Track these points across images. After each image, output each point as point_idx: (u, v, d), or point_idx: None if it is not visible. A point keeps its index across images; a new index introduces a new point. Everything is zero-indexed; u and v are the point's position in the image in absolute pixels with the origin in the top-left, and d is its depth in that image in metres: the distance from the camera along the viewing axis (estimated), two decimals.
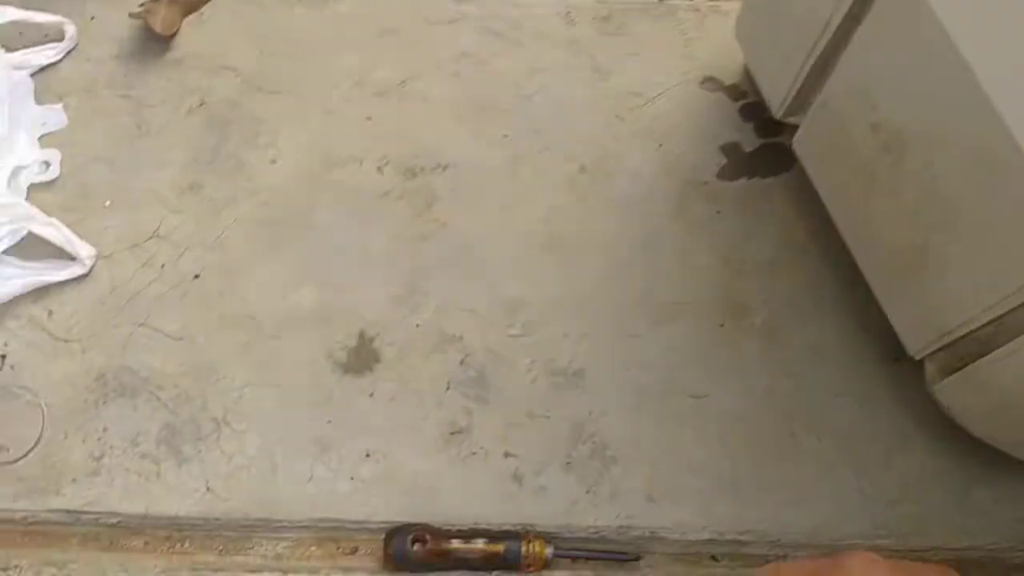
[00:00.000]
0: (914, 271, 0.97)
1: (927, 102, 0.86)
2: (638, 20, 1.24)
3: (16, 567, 0.95)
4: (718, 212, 1.15)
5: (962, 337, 0.94)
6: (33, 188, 1.11)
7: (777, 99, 1.11)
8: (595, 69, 1.21)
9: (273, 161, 1.15)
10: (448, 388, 1.05)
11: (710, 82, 1.22)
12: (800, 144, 1.10)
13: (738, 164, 1.18)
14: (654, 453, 1.03)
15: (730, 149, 1.18)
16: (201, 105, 1.17)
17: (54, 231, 1.06)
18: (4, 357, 1.04)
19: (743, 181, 1.17)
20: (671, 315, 1.10)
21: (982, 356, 0.92)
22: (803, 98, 1.07)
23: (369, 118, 1.18)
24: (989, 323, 0.90)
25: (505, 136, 1.17)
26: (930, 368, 1.01)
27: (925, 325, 0.98)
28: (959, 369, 0.96)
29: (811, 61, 1.02)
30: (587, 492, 1.01)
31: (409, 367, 1.06)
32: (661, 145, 1.18)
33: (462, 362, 1.06)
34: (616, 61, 1.22)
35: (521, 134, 1.18)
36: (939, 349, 0.99)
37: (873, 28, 0.91)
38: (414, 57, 1.21)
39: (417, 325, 1.08)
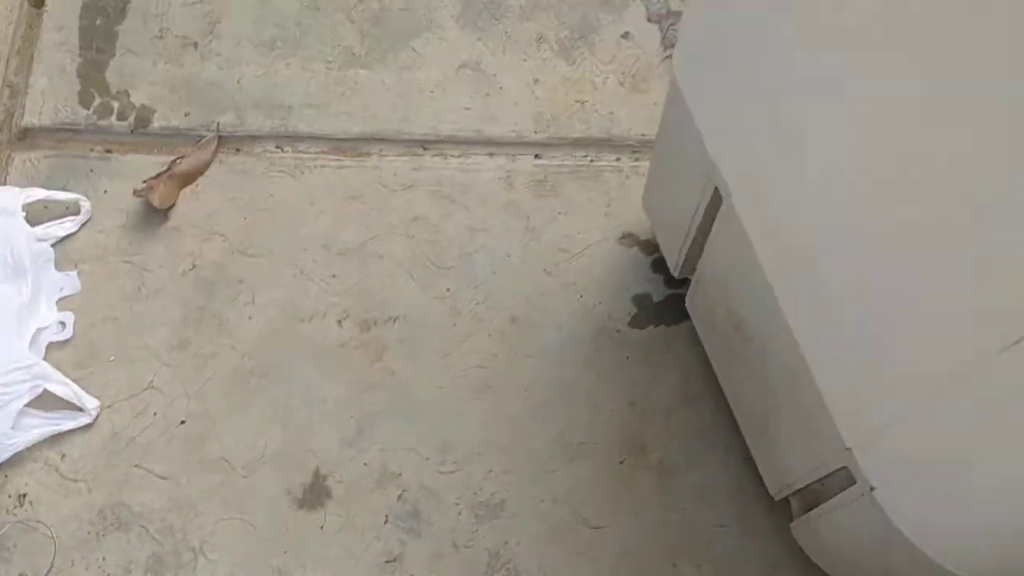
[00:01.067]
0: (762, 432, 1.14)
1: (756, 305, 1.04)
2: (568, 181, 1.43)
3: None
4: (627, 358, 1.33)
5: (800, 489, 1.12)
6: (50, 346, 1.34)
7: (671, 262, 1.29)
8: (529, 228, 1.40)
9: (250, 318, 1.36)
10: (386, 521, 1.25)
11: (628, 238, 1.39)
12: (689, 303, 1.28)
13: (647, 313, 1.36)
14: None
15: (641, 299, 1.36)
16: (193, 268, 1.39)
17: (66, 389, 1.29)
18: (24, 495, 1.27)
19: (651, 329, 1.35)
20: (580, 453, 1.29)
21: (814, 507, 1.10)
22: (690, 265, 1.25)
23: (334, 276, 1.38)
24: (815, 482, 1.07)
25: (448, 290, 1.37)
26: (792, 506, 1.18)
27: (775, 474, 1.16)
28: (804, 513, 1.14)
29: (689, 240, 1.19)
30: None
31: (355, 502, 1.26)
32: (581, 296, 1.36)
33: (400, 497, 1.27)
34: (547, 220, 1.40)
35: (462, 289, 1.37)
36: (791, 494, 1.16)
37: (719, 232, 1.09)
38: (374, 220, 1.41)
39: (364, 464, 1.28)
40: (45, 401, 1.30)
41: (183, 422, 1.31)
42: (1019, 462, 0.73)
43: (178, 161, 1.44)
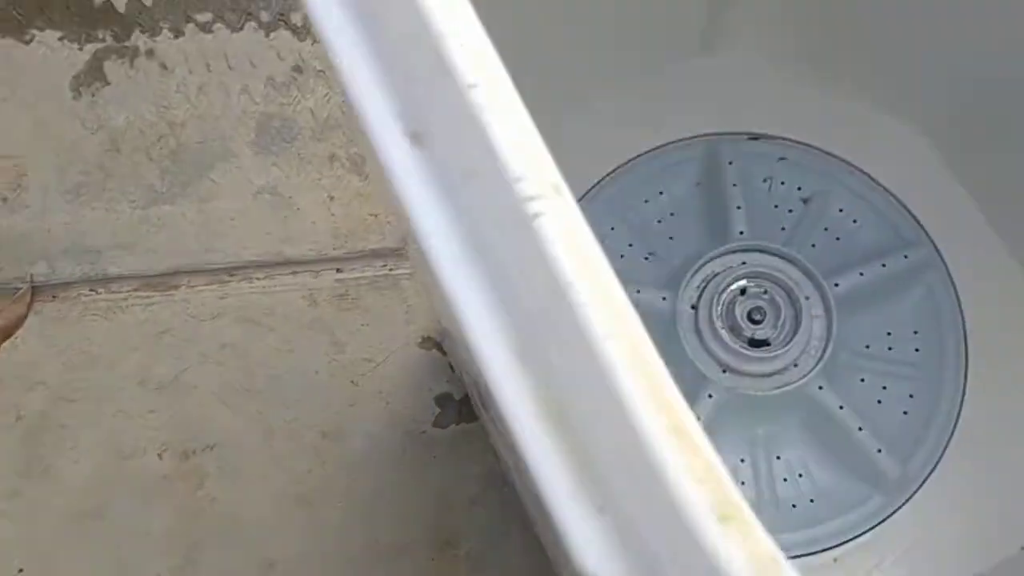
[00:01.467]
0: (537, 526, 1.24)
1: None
2: (368, 293, 1.52)
3: None
4: (434, 457, 1.43)
5: None
6: None
7: (456, 367, 1.38)
8: (333, 343, 1.49)
9: (76, 461, 1.43)
10: None
11: (427, 341, 1.49)
12: (475, 406, 1.38)
13: (449, 412, 1.45)
14: None
15: (443, 399, 1.46)
16: (18, 420, 1.46)
17: None
18: None
19: (453, 427, 1.44)
20: (394, 554, 1.38)
21: None
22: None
23: (151, 411, 1.46)
24: None
25: (260, 413, 1.45)
26: None
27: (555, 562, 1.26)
28: None
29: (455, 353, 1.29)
30: None
31: None
32: (388, 403, 1.46)
33: None
34: (351, 333, 1.49)
35: (273, 409, 1.46)
36: None
37: None
38: (185, 352, 1.49)
39: None
40: None
41: (21, 571, 1.38)
42: None
43: None
